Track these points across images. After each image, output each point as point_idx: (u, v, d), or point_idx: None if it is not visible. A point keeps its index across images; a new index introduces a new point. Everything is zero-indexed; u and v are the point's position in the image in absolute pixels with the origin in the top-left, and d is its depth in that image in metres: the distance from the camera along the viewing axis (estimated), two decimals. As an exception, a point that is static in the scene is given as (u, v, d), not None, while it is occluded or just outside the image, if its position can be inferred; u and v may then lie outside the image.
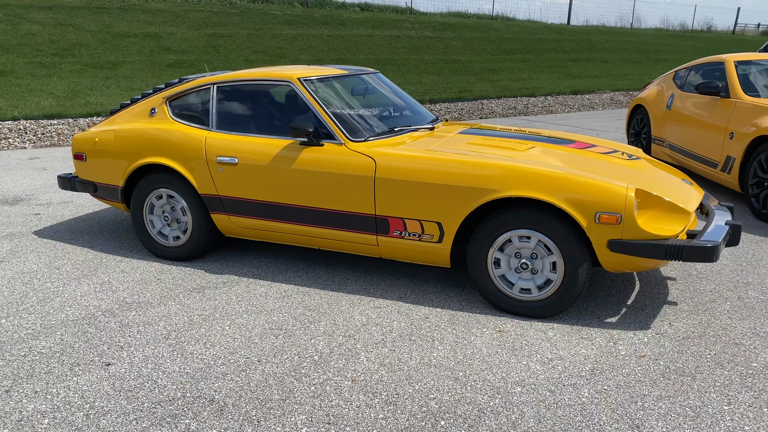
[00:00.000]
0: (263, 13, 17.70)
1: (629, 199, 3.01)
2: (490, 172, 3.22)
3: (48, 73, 11.88)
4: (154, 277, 3.84)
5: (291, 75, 3.79)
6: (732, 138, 5.47)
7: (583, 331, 3.18)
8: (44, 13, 14.69)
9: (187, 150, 3.86)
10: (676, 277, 3.90)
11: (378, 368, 2.82)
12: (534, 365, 2.86)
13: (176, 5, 17.10)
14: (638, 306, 3.48)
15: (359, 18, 18.81)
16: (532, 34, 21.05)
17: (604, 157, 3.60)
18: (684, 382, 2.73)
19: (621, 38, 23.30)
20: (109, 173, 4.17)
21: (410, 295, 3.60)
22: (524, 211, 3.19)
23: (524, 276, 3.31)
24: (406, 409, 2.52)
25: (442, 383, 2.70)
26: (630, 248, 3.04)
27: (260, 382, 2.70)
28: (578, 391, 2.65)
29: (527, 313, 3.31)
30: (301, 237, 3.76)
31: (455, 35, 19.11)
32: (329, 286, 3.72)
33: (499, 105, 13.10)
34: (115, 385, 2.67)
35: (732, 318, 3.34)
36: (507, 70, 16.65)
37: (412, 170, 3.36)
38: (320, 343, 3.04)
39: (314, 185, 3.57)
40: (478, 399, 2.59)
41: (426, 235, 3.41)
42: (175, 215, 4.06)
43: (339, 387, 2.67)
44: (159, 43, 14.34)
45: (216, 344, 3.02)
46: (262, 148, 3.70)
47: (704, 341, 3.08)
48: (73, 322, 3.23)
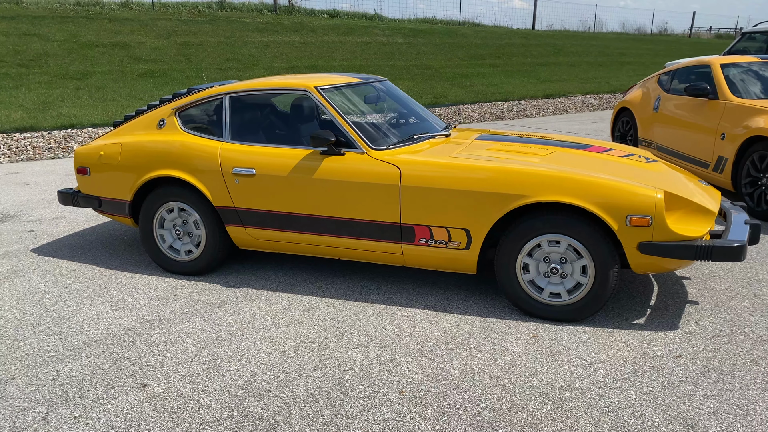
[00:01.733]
0: (233, 20, 17.52)
1: (659, 201, 3.05)
2: (519, 177, 3.22)
3: (15, 84, 11.53)
4: (170, 293, 3.74)
5: (308, 84, 3.74)
6: (723, 139, 5.60)
7: (615, 333, 3.20)
8: (6, 23, 14.26)
9: (201, 162, 3.78)
10: (690, 276, 3.96)
11: (422, 378, 2.79)
12: (576, 369, 2.86)
13: (143, 13, 16.80)
14: (661, 306, 3.53)
15: (329, 25, 18.77)
16: (499, 39, 21.31)
17: (625, 161, 3.65)
18: (725, 380, 2.76)
19: (585, 42, 23.76)
20: (115, 187, 4.05)
21: (436, 303, 3.58)
22: (554, 215, 3.21)
23: (553, 280, 3.32)
24: (461, 419, 2.49)
25: (491, 391, 2.69)
26: (660, 250, 3.08)
27: (306, 397, 2.64)
28: (626, 394, 2.66)
29: (558, 317, 3.33)
30: (322, 248, 3.71)
31: (426, 41, 19.22)
32: (352, 297, 3.67)
33: (476, 110, 13.20)
34: (157, 406, 2.58)
35: (754, 315, 3.40)
36: (479, 75, 16.81)
37: (439, 177, 3.34)
38: (358, 355, 3.00)
39: (336, 195, 3.53)
40: (530, 406, 2.58)
41: (453, 242, 3.40)
42: (187, 229, 3.96)
43: (388, 399, 2.63)
44: (128, 53, 14.06)
45: (251, 360, 2.95)
46: (281, 158, 3.64)
47: (734, 339, 3.14)
48: (97, 343, 3.12)
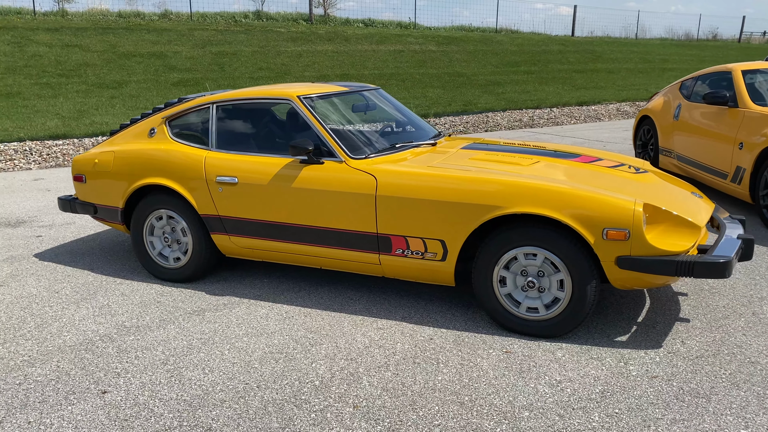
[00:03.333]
0: (268, 30, 17.78)
1: (637, 214, 2.92)
2: (494, 188, 3.14)
3: (54, 93, 11.94)
4: (154, 300, 3.78)
5: (291, 93, 3.74)
6: (741, 148, 5.37)
7: (593, 351, 3.08)
8: (51, 35, 14.80)
9: (187, 170, 3.81)
10: (687, 292, 3.79)
11: (381, 393, 2.73)
12: (542, 388, 2.76)
13: (181, 24, 17.21)
14: (649, 323, 3.38)
15: (363, 34, 18.86)
16: (536, 46, 21.03)
17: (611, 171, 3.52)
18: (699, 404, 2.62)
19: (626, 48, 23.24)
20: (108, 194, 4.13)
21: (414, 315, 3.52)
22: (530, 227, 3.11)
23: (531, 294, 3.22)
24: (409, 436, 2.43)
25: (447, 408, 2.61)
26: (639, 265, 2.95)
27: (259, 409, 2.62)
28: (588, 415, 2.55)
29: (535, 332, 3.22)
30: (302, 257, 3.69)
31: (459, 49, 19.12)
32: (331, 307, 3.64)
33: (505, 117, 13.05)
34: (111, 414, 2.59)
35: (747, 335, 3.23)
36: (512, 83, 16.62)
37: (414, 187, 3.29)
38: (321, 367, 2.96)
39: (315, 204, 3.51)
40: (485, 425, 2.50)
41: (429, 253, 3.34)
42: (175, 236, 4.00)
43: (340, 414, 2.58)
44: (164, 62, 14.40)
45: (215, 369, 2.95)
46: (262, 167, 3.64)
47: (719, 360, 2.98)
48: (71, 348, 3.17)
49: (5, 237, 5.04)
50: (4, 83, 12.05)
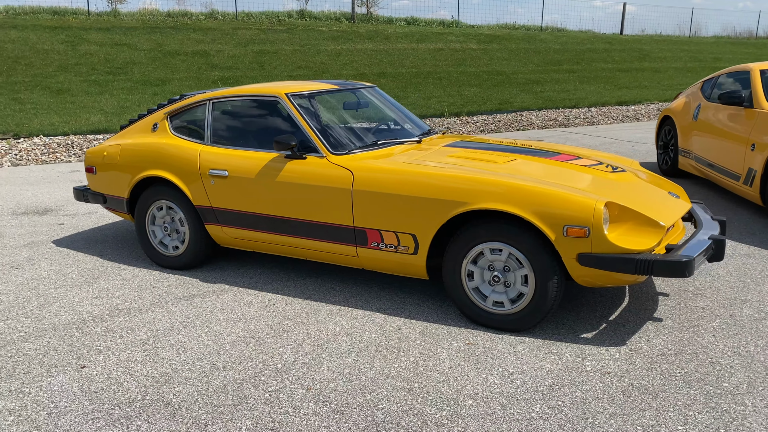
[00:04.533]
0: (310, 29, 18.08)
1: (597, 211, 2.96)
2: (460, 184, 3.23)
3: (101, 90, 12.49)
4: (150, 285, 4.00)
5: (279, 90, 3.90)
6: (753, 149, 5.26)
7: (554, 346, 3.13)
8: (102, 35, 15.46)
9: (183, 163, 4.02)
10: (669, 293, 3.78)
11: (336, 377, 2.86)
12: (493, 379, 2.84)
13: (226, 23, 17.69)
14: (620, 322, 3.40)
15: (404, 32, 18.96)
16: (581, 44, 20.70)
17: (586, 170, 3.55)
18: (644, 400, 2.65)
19: (676, 47, 22.61)
20: (116, 185, 4.39)
21: (390, 306, 3.63)
22: (495, 223, 3.18)
23: (497, 289, 3.29)
24: (351, 418, 2.55)
25: (395, 394, 2.72)
26: (599, 262, 2.99)
27: (218, 387, 2.79)
28: (530, 407, 2.62)
29: (500, 326, 3.29)
30: (287, 248, 3.85)
31: (501, 47, 19.00)
32: (313, 297, 3.79)
33: (540, 117, 12.95)
34: (84, 386, 2.81)
35: (716, 336, 3.22)
36: (552, 81, 16.44)
37: (387, 182, 3.40)
38: (287, 351, 3.11)
39: (297, 197, 3.66)
40: (426, 410, 2.60)
41: (402, 246, 3.44)
42: (174, 226, 4.23)
43: (292, 395, 2.72)
44: (207, 60, 14.86)
45: (188, 350, 3.14)
46: (250, 161, 3.82)
47: (679, 359, 2.99)
48: (64, 327, 3.41)
49: (31, 224, 5.39)
50: (56, 80, 12.69)
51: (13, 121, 10.25)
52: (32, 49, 13.93)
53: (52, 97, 11.82)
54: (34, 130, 9.91)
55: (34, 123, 10.27)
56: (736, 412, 2.55)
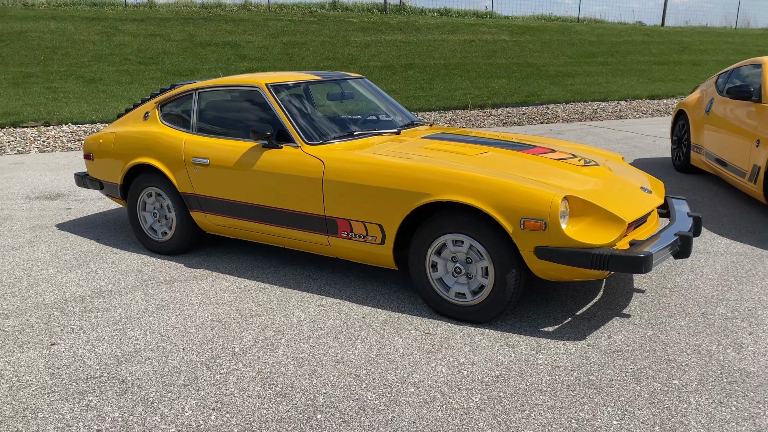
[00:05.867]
0: (340, 20, 18.16)
1: (554, 205, 2.95)
2: (422, 176, 3.25)
3: (131, 80, 12.83)
4: (136, 269, 4.14)
5: (259, 81, 3.98)
6: (758, 145, 5.12)
7: (511, 338, 3.14)
8: (137, 25, 15.84)
9: (170, 151, 4.14)
10: (646, 289, 3.73)
11: (288, 362, 2.93)
12: (441, 368, 2.87)
13: (258, 14, 17.90)
14: (586, 317, 3.38)
15: (435, 23, 18.87)
16: (618, 36, 20.25)
17: (556, 163, 3.52)
18: (586, 394, 2.65)
19: (720, 39, 21.91)
20: (110, 172, 4.54)
21: (360, 295, 3.68)
22: (457, 215, 3.20)
23: (460, 280, 3.31)
24: (291, 401, 2.62)
25: (341, 380, 2.78)
26: (556, 255, 2.98)
27: (174, 368, 2.89)
28: (470, 396, 2.64)
29: (462, 317, 3.31)
30: (265, 236, 3.94)
31: (533, 38, 18.74)
32: (288, 284, 3.86)
33: (566, 110, 12.77)
34: (49, 362, 2.94)
35: (680, 334, 3.17)
36: (584, 74, 16.15)
37: (355, 172, 3.44)
38: (248, 336, 3.20)
39: (273, 186, 3.74)
40: (366, 396, 2.65)
41: (370, 236, 3.49)
42: (163, 212, 4.36)
43: (242, 377, 2.80)
44: (236, 51, 15.08)
45: (155, 332, 3.25)
46: (230, 150, 3.91)
47: (635, 355, 2.96)
48: (45, 306, 3.57)
49: (40, 208, 5.61)
50: (89, 70, 13.08)
51: (45, 109, 10.62)
52: (69, 39, 14.38)
53: (84, 86, 12.20)
54: (64, 118, 10.25)
55: (64, 111, 10.62)
56: (677, 410, 2.53)
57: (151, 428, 2.44)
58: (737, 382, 2.72)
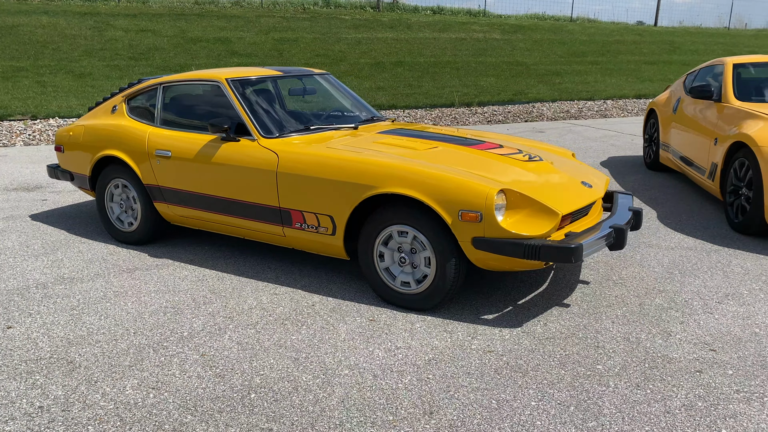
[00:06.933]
0: (333, 17, 18.26)
1: (489, 198, 3.07)
2: (369, 168, 3.37)
3: (121, 75, 12.93)
4: (101, 258, 4.26)
5: (220, 75, 4.10)
6: (716, 144, 5.24)
7: (451, 325, 3.26)
8: (129, 20, 15.94)
9: (135, 144, 4.26)
10: (591, 281, 3.85)
11: (232, 346, 3.05)
12: (378, 352, 2.99)
13: (251, 11, 18.00)
14: (527, 306, 3.50)
15: (427, 21, 18.97)
16: (609, 36, 20.35)
17: (501, 158, 3.64)
18: (511, 377, 2.77)
19: (711, 40, 22.02)
20: (80, 164, 4.66)
21: (314, 284, 3.80)
22: (401, 207, 3.32)
23: (405, 270, 3.43)
24: (229, 382, 2.74)
25: (280, 362, 2.90)
26: (491, 246, 3.10)
27: (122, 350, 3.01)
28: (400, 378, 2.77)
29: (407, 305, 3.43)
30: (225, 227, 4.06)
31: (525, 37, 18.84)
32: (246, 273, 3.99)
33: (552, 108, 12.88)
34: (2, 344, 3.06)
35: (615, 323, 3.29)
36: (573, 73, 16.26)
37: (307, 165, 3.56)
38: (198, 322, 3.32)
39: (231, 178, 3.86)
40: (302, 378, 2.77)
41: (321, 227, 3.61)
42: (129, 203, 4.48)
43: (185, 360, 2.93)
44: (227, 47, 15.18)
45: (110, 317, 3.37)
46: (190, 143, 4.03)
47: (566, 342, 3.08)
48: (7, 292, 3.69)
49: (17, 199, 5.73)
50: (80, 65, 13.19)
51: (34, 103, 10.73)
52: (60, 34, 14.48)
53: (74, 80, 12.30)
54: (52, 112, 10.37)
55: (52, 105, 10.73)
56: (595, 392, 2.65)
57: (91, 405, 2.57)
58: (658, 367, 2.84)
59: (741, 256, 4.26)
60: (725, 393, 2.64)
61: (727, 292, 3.67)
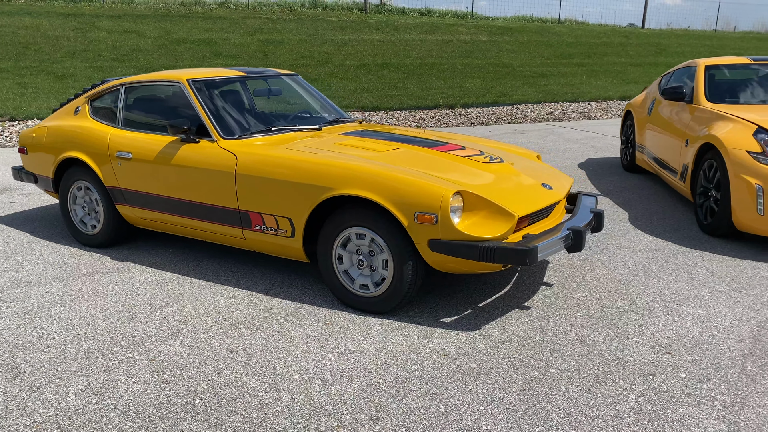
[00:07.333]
0: (319, 19, 18.22)
1: (445, 200, 3.03)
2: (326, 170, 3.33)
3: (104, 76, 12.84)
4: (62, 261, 4.21)
5: (180, 76, 4.05)
6: (687, 145, 5.23)
7: (408, 328, 3.22)
8: (113, 22, 15.86)
9: (96, 145, 4.21)
10: (554, 283, 3.82)
11: (183, 351, 3.00)
12: (331, 356, 2.95)
13: (237, 12, 17.94)
14: (487, 308, 3.47)
15: (414, 23, 18.95)
16: (596, 38, 20.40)
17: (461, 159, 3.61)
18: (462, 380, 2.73)
19: (697, 42, 22.10)
20: (43, 166, 4.60)
21: (275, 288, 3.76)
22: (359, 209, 3.28)
23: (364, 272, 3.39)
24: (175, 387, 2.69)
25: (230, 368, 2.85)
26: (447, 248, 3.07)
27: (70, 355, 2.96)
28: (350, 383, 2.72)
29: (366, 308, 3.39)
30: (187, 229, 4.01)
31: (512, 39, 18.86)
32: (207, 277, 3.94)
33: (536, 110, 12.88)
34: (-51, 349, 3.01)
35: (574, 326, 3.26)
36: (559, 75, 16.27)
37: (266, 167, 3.52)
38: (152, 326, 3.27)
39: (191, 180, 3.81)
40: (249, 383, 2.72)
41: (281, 230, 3.56)
42: (92, 206, 4.42)
43: (134, 365, 2.88)
44: (212, 49, 15.11)
45: (62, 321, 3.32)
46: (151, 144, 3.98)
47: (522, 345, 3.05)
48: (-38, 296, 3.63)
49: (-15, 202, 5.66)
50: (62, 66, 13.09)
51: (13, 104, 10.64)
52: (43, 35, 14.38)
53: (55, 82, 12.21)
54: (31, 114, 10.28)
55: (32, 107, 10.64)
56: (545, 396, 2.62)
57: (30, 412, 2.51)
58: (611, 371, 2.81)
59: (707, 258, 4.24)
60: (676, 396, 2.61)
61: (689, 295, 3.65)
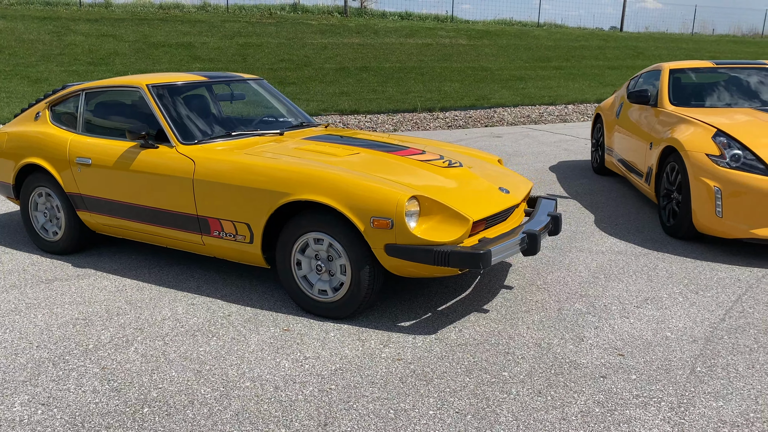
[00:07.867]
0: (299, 22, 18.20)
1: (400, 204, 3.04)
2: (283, 175, 3.32)
3: (79, 80, 12.72)
4: (21, 269, 4.16)
5: (140, 81, 4.02)
6: (651, 148, 5.28)
7: (365, 333, 3.22)
8: (90, 25, 15.73)
9: (56, 151, 4.17)
10: (514, 286, 3.84)
11: (136, 359, 2.98)
12: (285, 362, 2.94)
13: (216, 15, 17.88)
14: (446, 312, 3.48)
15: (394, 27, 18.99)
16: (574, 41, 20.56)
17: (419, 164, 3.62)
18: (414, 385, 2.73)
19: (674, 45, 22.34)
20: (3, 172, 4.55)
21: (234, 294, 3.74)
22: (316, 214, 3.28)
23: (323, 278, 3.38)
24: (124, 396, 2.67)
25: (182, 375, 2.83)
26: (403, 253, 3.07)
27: (20, 364, 2.92)
28: (302, 389, 2.72)
29: (325, 313, 3.39)
30: (147, 235, 3.98)
31: (491, 43, 18.95)
32: (167, 283, 3.91)
33: (513, 113, 12.93)
34: None
35: (531, 329, 3.28)
36: (537, 78, 16.36)
37: (223, 172, 3.50)
38: (107, 334, 3.24)
39: (149, 186, 3.78)
40: (200, 391, 2.71)
41: (239, 235, 3.55)
42: (53, 212, 4.38)
43: (84, 374, 2.85)
44: (190, 52, 15.04)
45: (16, 330, 3.28)
46: (111, 149, 3.95)
47: (477, 349, 3.06)
48: None
49: (-52, 209, 5.58)
50: (36, 69, 12.97)
51: (-15, 109, 10.51)
52: (18, 39, 14.24)
53: (29, 86, 12.09)
54: (3, 118, 10.16)
55: (4, 111, 10.52)
56: (495, 400, 2.62)
57: (-26, 423, 2.48)
58: (563, 374, 2.83)
59: (668, 260, 4.28)
60: (624, 398, 2.63)
61: (647, 296, 3.68)
